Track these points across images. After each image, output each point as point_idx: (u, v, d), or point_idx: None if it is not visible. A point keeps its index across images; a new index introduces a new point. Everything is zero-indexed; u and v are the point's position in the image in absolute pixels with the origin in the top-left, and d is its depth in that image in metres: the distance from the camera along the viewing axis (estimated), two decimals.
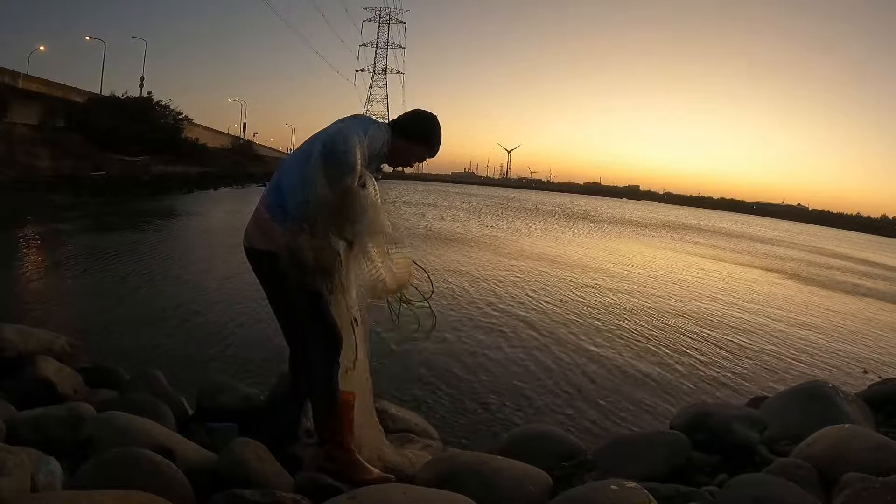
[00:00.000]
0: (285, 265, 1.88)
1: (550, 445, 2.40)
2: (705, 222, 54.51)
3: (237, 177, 35.73)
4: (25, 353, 2.62)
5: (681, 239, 27.51)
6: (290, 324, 2.09)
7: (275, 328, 2.23)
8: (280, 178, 2.00)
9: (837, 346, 7.47)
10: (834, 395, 2.53)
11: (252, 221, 2.02)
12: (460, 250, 13.35)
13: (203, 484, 1.72)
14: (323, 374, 1.99)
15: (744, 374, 5.59)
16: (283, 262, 1.89)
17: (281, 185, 1.98)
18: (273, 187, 2.01)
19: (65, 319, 5.31)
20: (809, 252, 29.22)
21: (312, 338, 1.99)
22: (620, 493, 1.64)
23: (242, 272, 7.94)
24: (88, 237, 11.30)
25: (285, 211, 1.91)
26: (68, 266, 8.11)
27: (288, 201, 1.92)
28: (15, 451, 1.44)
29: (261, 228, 1.97)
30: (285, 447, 2.11)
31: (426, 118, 2.18)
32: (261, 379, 3.91)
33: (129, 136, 27.10)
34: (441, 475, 1.97)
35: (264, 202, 2.00)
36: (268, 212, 1.96)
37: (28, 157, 19.47)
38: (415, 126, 2.16)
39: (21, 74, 25.80)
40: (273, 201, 1.97)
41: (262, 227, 1.96)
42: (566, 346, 5.96)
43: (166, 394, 2.61)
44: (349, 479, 1.94)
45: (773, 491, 1.75)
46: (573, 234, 23.49)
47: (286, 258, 1.87)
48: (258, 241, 1.97)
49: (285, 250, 1.87)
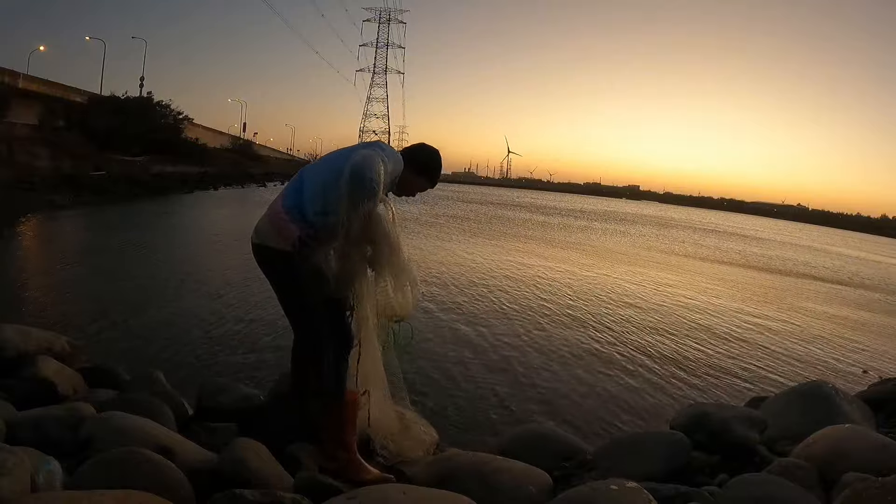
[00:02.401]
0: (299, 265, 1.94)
1: (550, 445, 2.40)
2: (705, 222, 54.55)
3: (237, 177, 35.73)
4: (25, 353, 2.62)
5: (678, 239, 27.52)
6: (299, 321, 2.10)
7: (275, 328, 2.24)
8: (302, 184, 2.03)
9: (837, 347, 7.47)
10: (834, 395, 2.53)
11: (266, 219, 2.04)
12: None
13: (203, 484, 1.72)
14: (332, 371, 2.00)
15: (744, 375, 5.59)
16: (298, 260, 1.94)
17: (302, 191, 2.01)
18: (293, 190, 2.04)
19: (65, 319, 5.31)
20: (809, 252, 29.23)
21: (324, 336, 2.00)
22: (620, 493, 1.64)
23: (243, 272, 7.95)
24: (88, 237, 11.30)
25: (304, 216, 1.96)
26: (68, 266, 8.11)
27: (307, 208, 1.97)
28: (15, 451, 1.44)
29: (276, 227, 1.99)
30: (285, 447, 2.11)
31: (433, 155, 2.29)
32: (261, 379, 3.92)
33: (129, 136, 27.07)
34: (441, 475, 1.97)
35: (282, 203, 2.02)
36: (286, 213, 1.99)
37: (28, 157, 19.43)
38: (424, 158, 2.26)
39: (21, 74, 25.77)
40: (292, 204, 2.00)
41: (278, 225, 1.99)
42: (566, 346, 5.96)
43: (166, 394, 2.61)
44: (349, 479, 1.95)
45: (773, 491, 1.75)
46: (573, 233, 23.51)
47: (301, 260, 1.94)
48: (273, 240, 1.99)
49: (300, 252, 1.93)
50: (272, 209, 2.04)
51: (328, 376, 2.00)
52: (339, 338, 2.03)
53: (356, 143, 2.28)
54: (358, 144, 2.23)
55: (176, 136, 32.98)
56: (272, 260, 2.02)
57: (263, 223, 2.04)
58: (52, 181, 18.11)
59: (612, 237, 23.96)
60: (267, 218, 2.04)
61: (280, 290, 2.08)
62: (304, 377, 2.33)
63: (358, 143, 2.28)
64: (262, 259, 2.06)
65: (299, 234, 1.95)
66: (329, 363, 2.01)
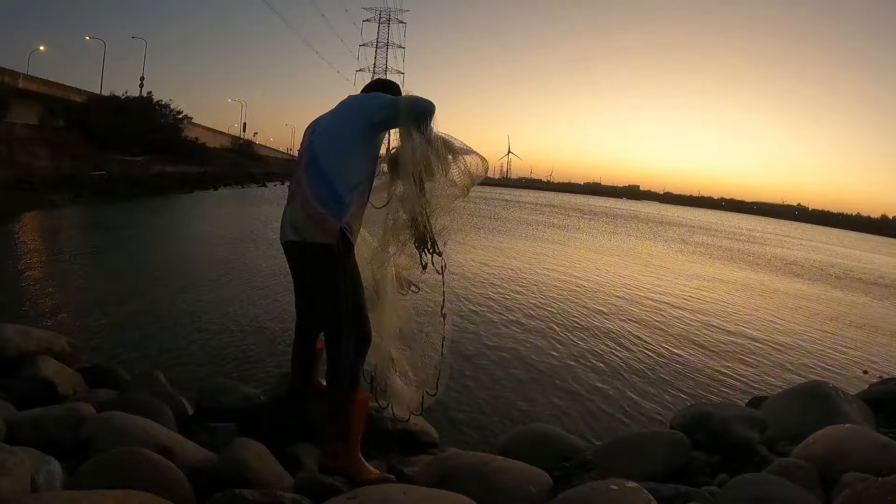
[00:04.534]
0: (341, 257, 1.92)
1: (550, 445, 2.40)
2: (705, 222, 54.52)
3: (237, 177, 35.72)
4: (25, 353, 2.62)
5: (678, 238, 27.52)
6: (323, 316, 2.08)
7: (275, 329, 2.24)
8: (321, 166, 1.98)
9: (837, 347, 7.48)
10: (834, 395, 2.53)
11: (302, 214, 1.97)
12: None
13: (203, 484, 1.72)
14: (349, 368, 1.98)
15: (744, 374, 5.59)
16: (339, 254, 1.91)
17: (324, 172, 1.96)
18: (315, 176, 1.98)
19: (65, 319, 5.31)
20: (809, 252, 29.23)
21: (347, 333, 1.97)
22: (620, 493, 1.64)
23: (243, 272, 7.96)
24: (88, 237, 11.29)
25: (340, 203, 1.93)
26: (68, 266, 8.11)
27: (341, 191, 1.93)
28: (15, 451, 1.44)
29: (315, 222, 1.94)
30: (285, 447, 2.11)
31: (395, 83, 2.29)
32: (261, 379, 3.92)
33: (129, 135, 27.09)
34: (441, 475, 1.97)
35: (312, 193, 1.96)
36: (321, 205, 1.93)
37: (28, 157, 19.44)
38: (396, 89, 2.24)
39: (21, 74, 25.78)
40: (323, 193, 1.94)
41: (317, 220, 1.93)
42: (565, 346, 5.96)
43: (166, 394, 2.61)
44: (350, 479, 1.94)
45: (773, 491, 1.75)
46: (572, 231, 23.49)
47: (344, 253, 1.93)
48: (314, 235, 1.94)
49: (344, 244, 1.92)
50: (304, 202, 1.97)
51: (345, 373, 1.98)
52: (359, 334, 2.01)
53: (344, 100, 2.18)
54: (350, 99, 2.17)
55: (176, 135, 33.01)
56: (313, 255, 1.96)
57: (299, 218, 1.98)
58: (52, 181, 18.12)
59: (614, 236, 23.98)
60: (303, 214, 1.97)
61: (317, 284, 2.03)
62: (304, 377, 2.34)
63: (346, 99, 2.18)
64: (300, 255, 2.02)
65: (340, 224, 1.91)
66: (348, 359, 1.98)
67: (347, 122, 2.04)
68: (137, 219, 14.67)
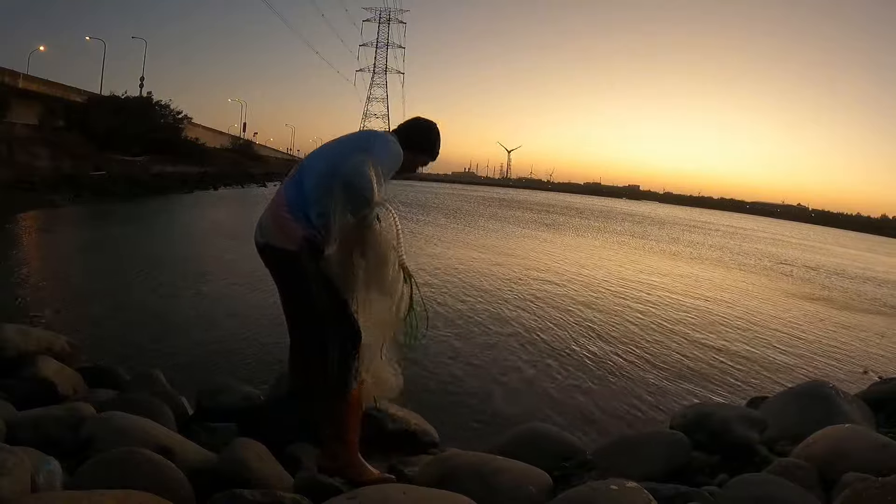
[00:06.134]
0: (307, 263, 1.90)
1: (550, 445, 2.40)
2: (705, 221, 54.55)
3: (237, 177, 35.73)
4: (25, 353, 2.62)
5: (677, 238, 27.52)
6: (302, 321, 2.07)
7: (275, 329, 2.23)
8: (302, 179, 2.00)
9: (837, 347, 7.47)
10: (834, 395, 2.54)
11: (270, 217, 2.00)
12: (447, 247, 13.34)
13: (203, 484, 1.72)
14: (339, 370, 1.97)
15: (743, 375, 5.58)
16: (305, 259, 1.90)
17: (303, 187, 1.98)
18: (293, 185, 2.00)
19: (65, 319, 5.30)
20: (808, 252, 29.24)
21: (333, 335, 1.96)
22: (620, 493, 1.64)
23: (242, 271, 7.95)
24: (88, 237, 11.29)
25: (307, 217, 1.93)
26: (68, 266, 8.10)
27: (310, 209, 1.93)
28: (15, 451, 1.44)
29: (280, 226, 1.96)
30: (285, 447, 2.11)
31: (429, 129, 2.24)
32: (261, 379, 3.91)
33: (129, 135, 27.07)
34: (441, 475, 1.97)
35: (283, 198, 1.98)
36: (289, 211, 1.95)
37: (28, 157, 19.44)
38: (419, 137, 2.21)
39: (21, 74, 25.76)
40: (294, 200, 1.96)
41: (281, 224, 1.95)
42: (565, 346, 5.95)
43: (166, 394, 2.61)
44: (350, 479, 1.94)
45: (773, 491, 1.75)
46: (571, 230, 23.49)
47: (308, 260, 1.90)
48: (277, 240, 1.96)
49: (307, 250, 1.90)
50: (274, 206, 2.00)
51: (334, 375, 1.98)
52: (346, 334, 1.99)
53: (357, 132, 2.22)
54: (357, 134, 2.18)
55: (176, 135, 32.99)
56: (278, 260, 1.99)
57: (266, 221, 2.01)
58: (52, 181, 18.12)
59: (609, 234, 23.98)
60: (270, 216, 2.00)
61: (286, 290, 2.05)
62: (303, 377, 2.33)
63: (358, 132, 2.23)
64: (267, 259, 2.03)
65: (304, 233, 1.91)
66: (334, 362, 1.97)
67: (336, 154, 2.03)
68: (137, 219, 14.66)
